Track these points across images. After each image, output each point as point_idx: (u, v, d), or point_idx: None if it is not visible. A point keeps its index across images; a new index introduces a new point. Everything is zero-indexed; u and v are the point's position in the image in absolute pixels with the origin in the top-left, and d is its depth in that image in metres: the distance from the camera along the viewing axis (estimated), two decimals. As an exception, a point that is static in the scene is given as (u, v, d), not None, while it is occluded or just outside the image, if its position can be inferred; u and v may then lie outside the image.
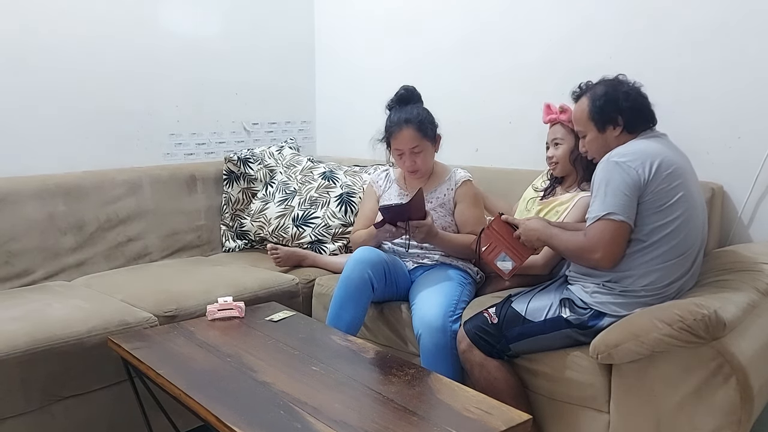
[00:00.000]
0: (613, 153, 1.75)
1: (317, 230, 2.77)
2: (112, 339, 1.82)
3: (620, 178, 1.68)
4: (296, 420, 1.35)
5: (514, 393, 1.80)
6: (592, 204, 1.75)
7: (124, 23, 2.81)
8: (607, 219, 1.69)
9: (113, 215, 2.66)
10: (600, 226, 1.70)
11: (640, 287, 1.71)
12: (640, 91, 1.84)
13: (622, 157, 1.71)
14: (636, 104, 1.81)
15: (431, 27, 3.00)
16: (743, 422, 1.51)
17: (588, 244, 1.72)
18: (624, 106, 1.80)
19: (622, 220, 1.68)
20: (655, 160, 1.69)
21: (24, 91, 2.56)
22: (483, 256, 1.97)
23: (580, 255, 1.77)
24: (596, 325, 1.73)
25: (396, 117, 2.24)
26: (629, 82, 1.86)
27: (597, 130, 1.84)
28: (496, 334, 1.82)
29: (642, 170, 1.68)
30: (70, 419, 1.91)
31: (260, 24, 3.29)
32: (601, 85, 1.87)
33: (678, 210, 1.70)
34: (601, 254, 1.70)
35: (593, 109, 1.83)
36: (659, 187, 1.68)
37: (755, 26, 2.10)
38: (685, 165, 1.78)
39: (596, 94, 1.84)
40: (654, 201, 1.69)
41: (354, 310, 2.09)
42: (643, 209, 1.70)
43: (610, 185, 1.69)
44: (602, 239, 1.70)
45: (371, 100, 2.53)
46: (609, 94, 1.82)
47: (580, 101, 1.89)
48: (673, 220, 1.69)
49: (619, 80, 1.87)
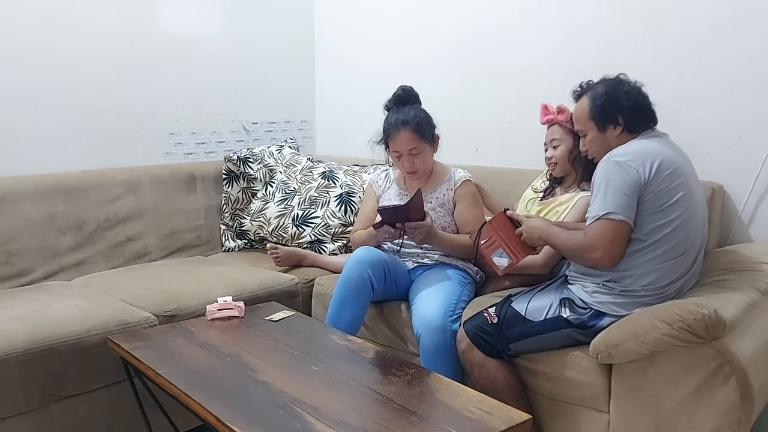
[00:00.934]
0: (613, 153, 1.74)
1: (317, 230, 2.77)
2: (111, 339, 1.82)
3: (620, 178, 1.68)
4: (296, 420, 1.35)
5: (514, 393, 1.80)
6: (592, 203, 1.75)
7: (124, 23, 2.81)
8: (606, 218, 1.69)
9: (113, 215, 2.66)
10: (600, 225, 1.70)
11: (640, 287, 1.71)
12: (641, 91, 1.84)
13: (623, 157, 1.71)
14: (637, 104, 1.81)
15: (431, 27, 3.00)
16: (743, 422, 1.51)
17: (588, 243, 1.72)
18: (625, 105, 1.79)
19: (621, 219, 1.68)
20: (656, 160, 1.69)
21: (24, 90, 2.56)
22: (481, 249, 1.96)
23: (580, 254, 1.77)
24: (596, 325, 1.73)
25: (393, 119, 2.23)
26: (630, 81, 1.85)
27: (597, 130, 1.84)
28: (496, 333, 1.82)
29: (642, 170, 1.68)
30: (69, 419, 1.90)
31: (260, 24, 3.29)
32: (602, 84, 1.86)
33: (678, 210, 1.69)
34: (601, 253, 1.70)
35: (594, 108, 1.83)
36: (659, 186, 1.68)
37: (755, 26, 2.10)
38: (686, 165, 1.77)
39: (597, 94, 1.83)
40: (654, 201, 1.68)
41: (354, 310, 2.09)
42: (643, 209, 1.69)
43: (611, 185, 1.69)
44: (602, 238, 1.70)
45: (371, 99, 2.53)
46: (610, 94, 1.81)
47: (581, 100, 1.88)
48: (673, 220, 1.69)
49: (620, 79, 1.86)
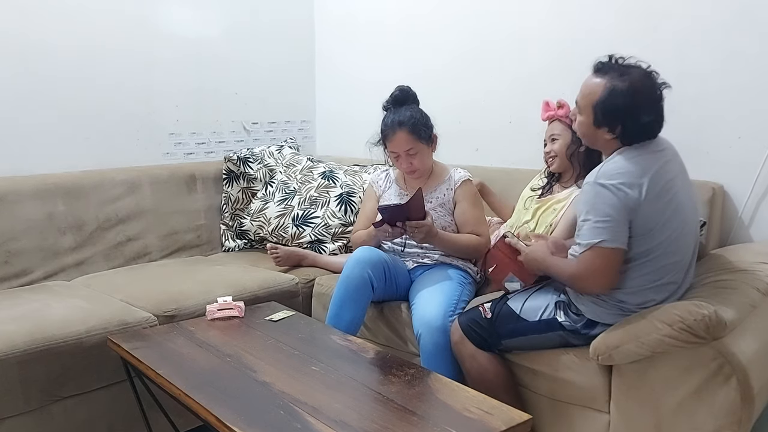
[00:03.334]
0: (600, 173, 1.66)
1: (317, 230, 2.77)
2: (111, 339, 1.82)
3: (608, 202, 1.61)
4: (296, 420, 1.35)
5: (505, 385, 1.80)
6: (581, 229, 1.68)
7: (124, 23, 2.81)
8: (598, 247, 1.63)
9: (113, 215, 2.66)
10: (591, 255, 1.64)
11: (635, 305, 1.68)
12: (656, 106, 1.68)
13: (610, 179, 1.62)
14: (641, 124, 1.66)
15: (431, 27, 3.00)
16: (743, 422, 1.51)
17: (581, 273, 1.67)
18: (628, 120, 1.66)
19: (613, 247, 1.62)
20: (644, 180, 1.62)
21: (24, 91, 2.56)
22: (491, 275, 1.96)
23: (573, 283, 1.73)
24: (588, 334, 1.72)
25: (390, 120, 2.23)
26: (656, 87, 1.68)
27: (593, 122, 1.71)
28: (489, 328, 1.82)
29: (632, 191, 1.61)
30: (69, 419, 1.90)
31: (260, 23, 3.29)
32: (627, 81, 1.65)
33: (667, 231, 1.65)
34: (595, 282, 1.67)
35: (601, 102, 1.67)
36: (648, 211, 1.62)
37: (755, 26, 2.10)
38: (674, 169, 1.70)
39: (615, 90, 1.65)
40: (644, 224, 1.64)
41: (354, 310, 2.08)
42: (633, 230, 1.64)
43: (598, 210, 1.62)
44: (596, 269, 1.65)
45: (371, 99, 2.52)
46: (623, 102, 1.64)
47: (599, 80, 1.69)
48: (660, 244, 1.65)
49: (644, 86, 1.67)
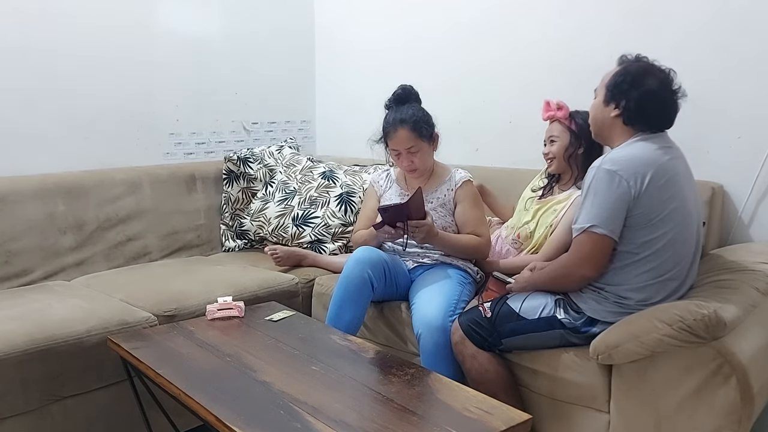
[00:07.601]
0: (606, 159, 1.70)
1: (317, 230, 2.77)
2: (111, 339, 1.82)
3: (609, 190, 1.65)
4: (296, 420, 1.35)
5: (505, 385, 1.81)
6: (580, 211, 1.73)
7: (124, 22, 2.81)
8: (589, 232, 1.68)
9: (113, 215, 2.66)
10: (582, 239, 1.71)
11: (635, 302, 1.70)
12: (662, 96, 1.73)
13: (614, 165, 1.66)
14: (643, 103, 1.72)
15: (432, 27, 3.00)
16: (743, 422, 1.51)
17: (571, 260, 1.74)
18: (633, 95, 1.72)
19: (604, 233, 1.67)
20: (648, 172, 1.65)
21: (24, 90, 2.56)
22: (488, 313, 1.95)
23: (564, 277, 1.78)
24: (588, 332, 1.73)
25: (391, 117, 2.23)
26: (669, 80, 1.74)
27: (603, 99, 1.79)
28: (489, 328, 1.82)
29: (633, 182, 1.64)
30: (69, 419, 1.90)
31: (260, 23, 3.29)
32: (643, 65, 1.76)
33: (669, 224, 1.67)
34: (582, 267, 1.72)
35: (612, 78, 1.77)
36: (650, 201, 1.65)
37: (755, 26, 2.10)
38: (679, 167, 1.73)
39: (627, 70, 1.76)
40: (644, 215, 1.66)
41: (354, 310, 2.08)
42: (633, 222, 1.67)
43: (598, 195, 1.67)
44: (583, 254, 1.71)
45: (371, 99, 2.53)
46: (632, 77, 1.73)
47: (618, 67, 1.80)
48: (664, 234, 1.67)
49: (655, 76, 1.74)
